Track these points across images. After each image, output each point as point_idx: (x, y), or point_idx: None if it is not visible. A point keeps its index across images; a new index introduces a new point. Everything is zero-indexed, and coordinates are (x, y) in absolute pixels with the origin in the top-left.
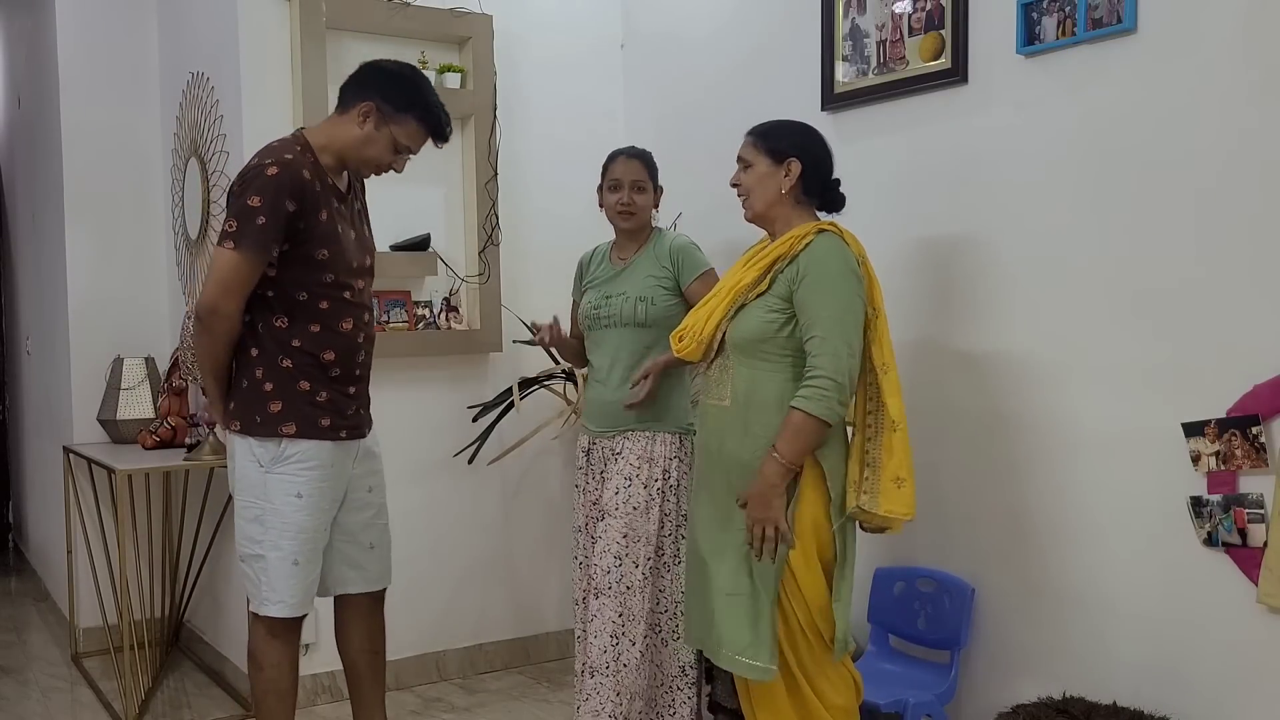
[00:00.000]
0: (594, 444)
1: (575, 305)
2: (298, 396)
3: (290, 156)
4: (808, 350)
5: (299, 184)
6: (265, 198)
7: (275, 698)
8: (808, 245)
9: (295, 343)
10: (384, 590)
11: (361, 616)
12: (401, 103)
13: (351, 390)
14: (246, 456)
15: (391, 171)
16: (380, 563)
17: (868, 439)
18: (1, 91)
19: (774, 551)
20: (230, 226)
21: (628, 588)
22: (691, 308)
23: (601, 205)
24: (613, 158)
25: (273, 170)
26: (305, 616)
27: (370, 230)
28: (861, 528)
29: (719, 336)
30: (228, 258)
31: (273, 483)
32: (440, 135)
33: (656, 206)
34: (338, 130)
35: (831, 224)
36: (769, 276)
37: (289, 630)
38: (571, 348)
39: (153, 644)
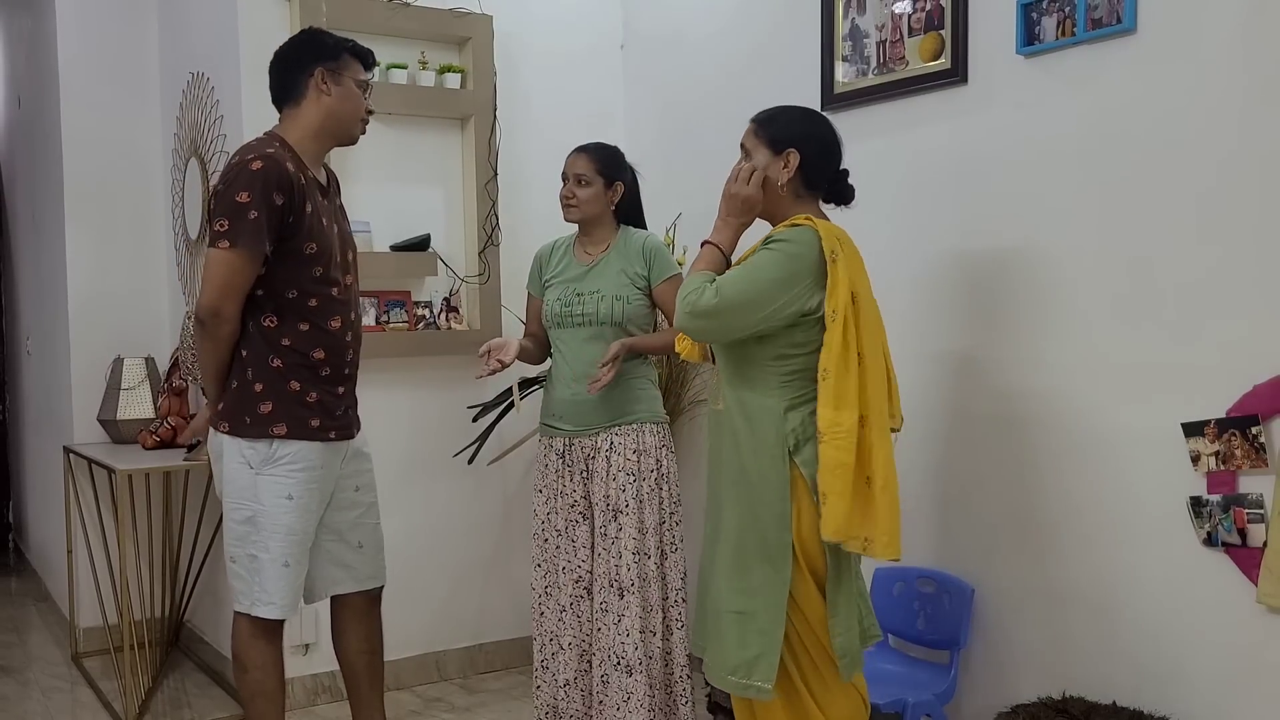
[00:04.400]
0: (571, 443)
1: (531, 300)
2: (289, 397)
3: (271, 150)
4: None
5: (284, 177)
6: (254, 192)
7: (264, 699)
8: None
9: (285, 342)
10: (380, 590)
11: (358, 617)
12: (332, 52)
13: (340, 390)
14: (235, 458)
15: (371, 117)
16: (370, 563)
17: None
18: (1, 91)
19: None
20: (222, 225)
21: (648, 580)
22: (656, 308)
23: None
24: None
25: (257, 165)
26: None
27: (349, 227)
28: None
29: None
30: (225, 257)
31: (263, 484)
32: (369, 61)
33: (614, 203)
34: (306, 117)
35: (807, 218)
36: None
37: (273, 631)
38: (529, 352)
39: (153, 644)
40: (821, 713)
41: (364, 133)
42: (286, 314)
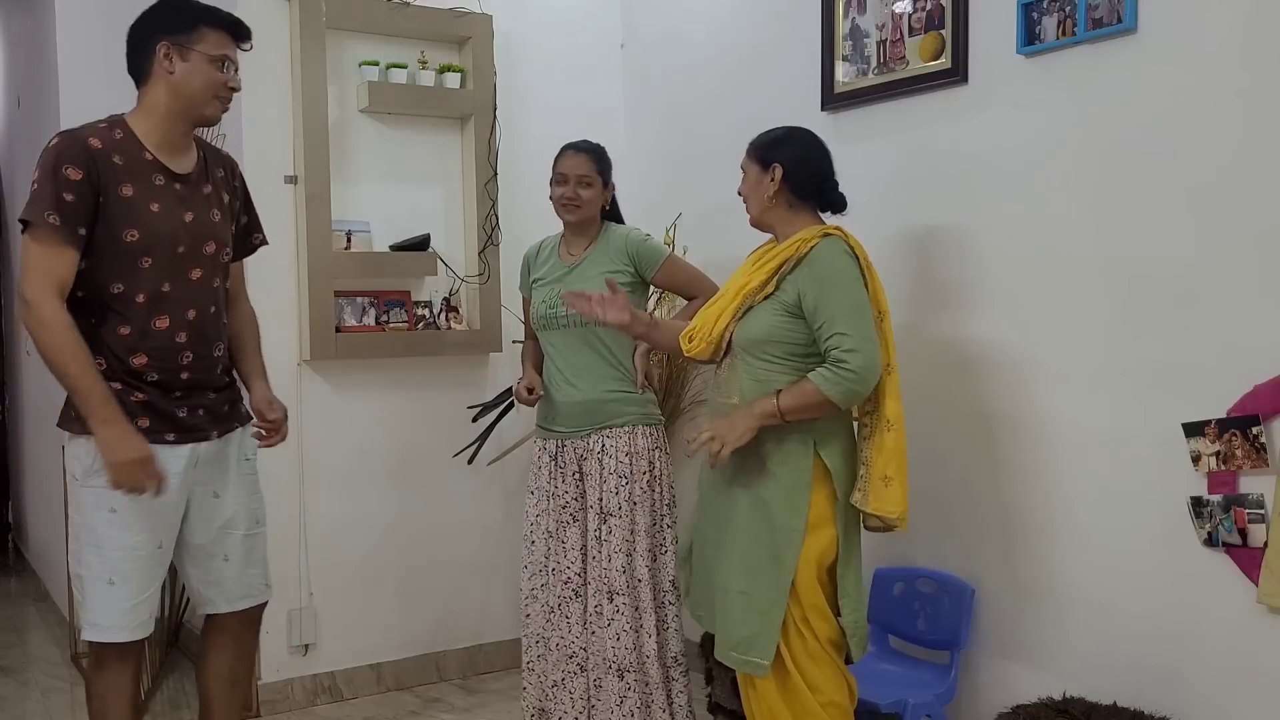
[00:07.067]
0: (564, 445)
1: (525, 301)
2: (113, 394)
3: (78, 128)
4: (833, 345)
5: (82, 151)
6: (43, 168)
7: None
8: (812, 249)
9: (108, 343)
10: (258, 611)
11: (225, 640)
12: (185, 24)
13: (177, 396)
14: (67, 467)
15: (234, 93)
16: (241, 580)
17: (864, 438)
18: (1, 91)
19: (704, 456)
20: (24, 210)
21: (639, 581)
22: (663, 295)
23: (551, 198)
24: (562, 151)
25: (54, 142)
26: (139, 645)
27: (239, 219)
28: (867, 526)
29: (728, 337)
30: (24, 241)
31: (86, 496)
32: (239, 34)
33: (607, 204)
34: (154, 97)
35: (837, 228)
36: (776, 279)
37: (117, 659)
38: (539, 355)
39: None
40: (813, 694)
41: (226, 110)
42: (108, 314)
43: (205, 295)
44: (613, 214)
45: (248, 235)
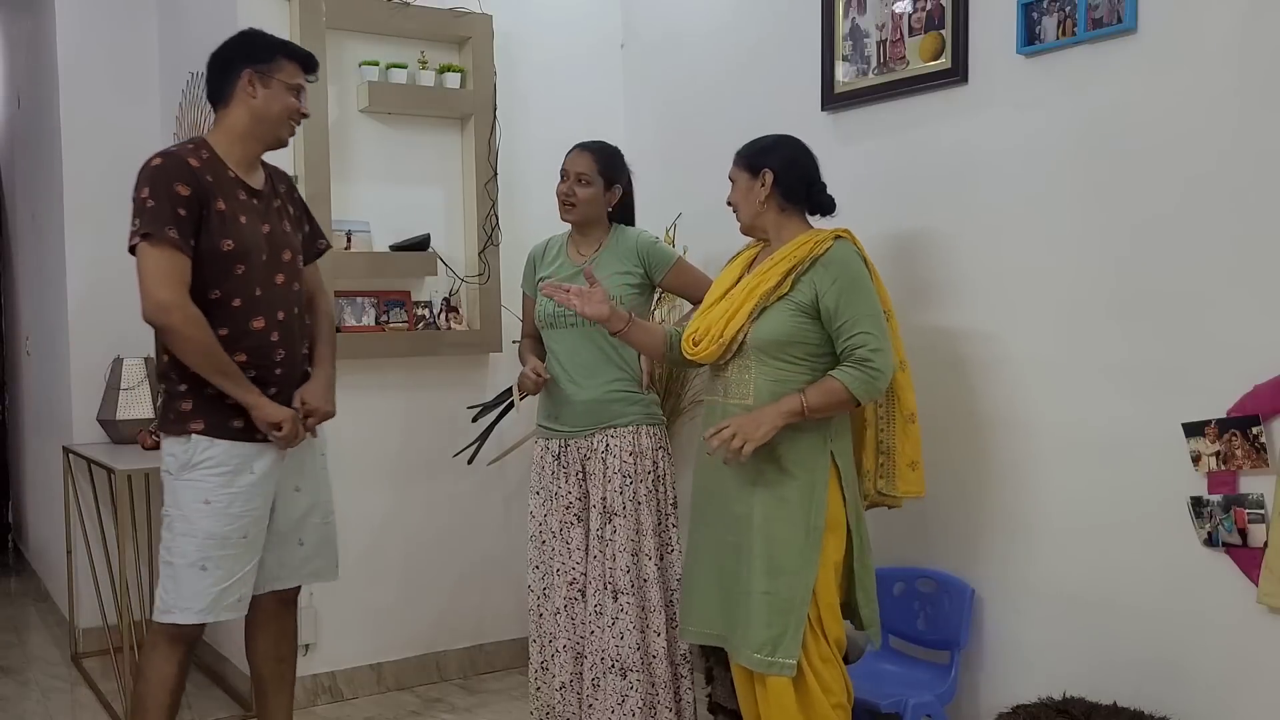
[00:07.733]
0: (566, 445)
1: (526, 299)
2: (209, 397)
3: (174, 149)
4: (857, 344)
5: (184, 169)
6: (154, 186)
7: (143, 713)
8: (828, 250)
9: None
10: (295, 592)
11: (266, 619)
12: (266, 54)
13: (272, 392)
14: (163, 462)
15: (304, 119)
16: (309, 561)
17: (880, 429)
18: (1, 91)
19: (724, 456)
20: (134, 226)
21: (645, 580)
22: (663, 296)
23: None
24: (570, 149)
25: (156, 161)
26: (199, 632)
27: (303, 228)
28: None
29: (741, 339)
30: (143, 250)
31: (181, 488)
32: (309, 65)
33: (612, 205)
34: (234, 119)
35: (845, 231)
36: (791, 279)
37: (176, 641)
38: (539, 353)
39: None
40: (823, 697)
41: (293, 134)
42: (208, 318)
43: (289, 298)
44: (624, 216)
45: (312, 241)
